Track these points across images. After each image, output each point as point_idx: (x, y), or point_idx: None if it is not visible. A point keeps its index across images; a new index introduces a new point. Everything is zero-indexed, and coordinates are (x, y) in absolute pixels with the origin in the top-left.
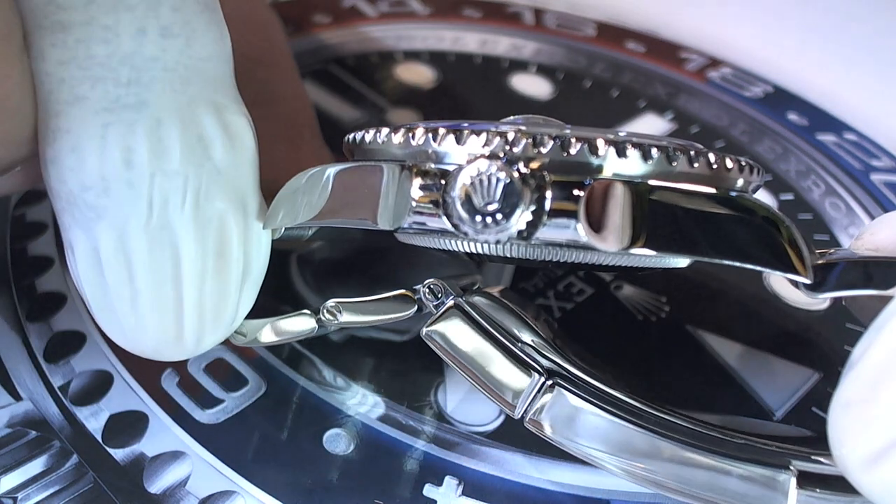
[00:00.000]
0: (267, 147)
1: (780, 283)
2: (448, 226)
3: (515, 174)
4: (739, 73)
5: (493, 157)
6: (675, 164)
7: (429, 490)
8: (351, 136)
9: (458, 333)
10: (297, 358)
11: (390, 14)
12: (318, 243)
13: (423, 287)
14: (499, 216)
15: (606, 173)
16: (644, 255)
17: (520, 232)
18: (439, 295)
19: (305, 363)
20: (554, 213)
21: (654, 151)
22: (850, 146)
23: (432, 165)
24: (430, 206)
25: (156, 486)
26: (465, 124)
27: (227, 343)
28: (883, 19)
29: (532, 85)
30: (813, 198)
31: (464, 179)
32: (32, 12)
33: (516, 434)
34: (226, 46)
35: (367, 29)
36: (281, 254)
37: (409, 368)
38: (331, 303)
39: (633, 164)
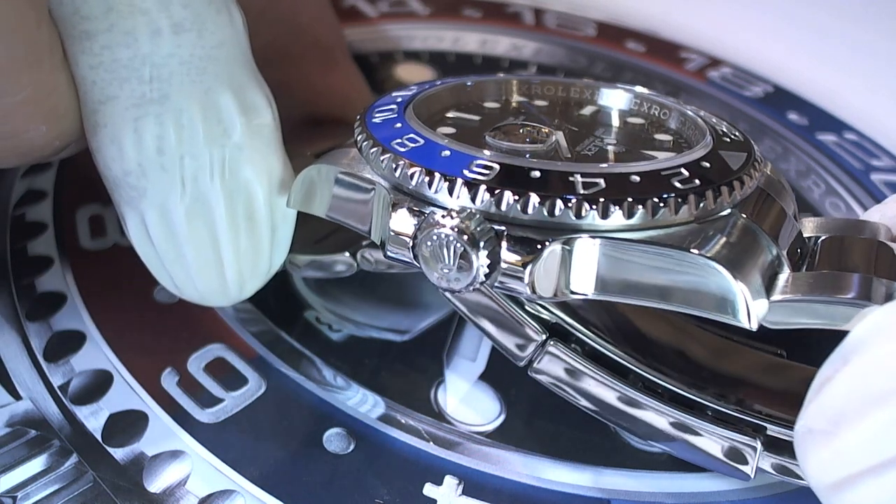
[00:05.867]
0: (301, 73)
1: None
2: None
3: (470, 241)
4: (739, 73)
5: (455, 229)
6: (640, 217)
7: (429, 490)
8: (358, 132)
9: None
10: (297, 358)
11: (390, 14)
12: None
13: None
14: (456, 278)
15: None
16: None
17: (475, 287)
18: None
19: (305, 363)
20: (507, 268)
21: (615, 212)
22: (850, 146)
23: (405, 211)
24: (405, 239)
25: (155, 485)
26: (447, 151)
27: (227, 341)
28: (883, 19)
29: None
30: (813, 198)
31: (426, 243)
32: (62, 23)
33: (516, 434)
34: (237, 28)
35: (366, 29)
36: None
37: (409, 368)
38: (365, 251)
39: (594, 223)
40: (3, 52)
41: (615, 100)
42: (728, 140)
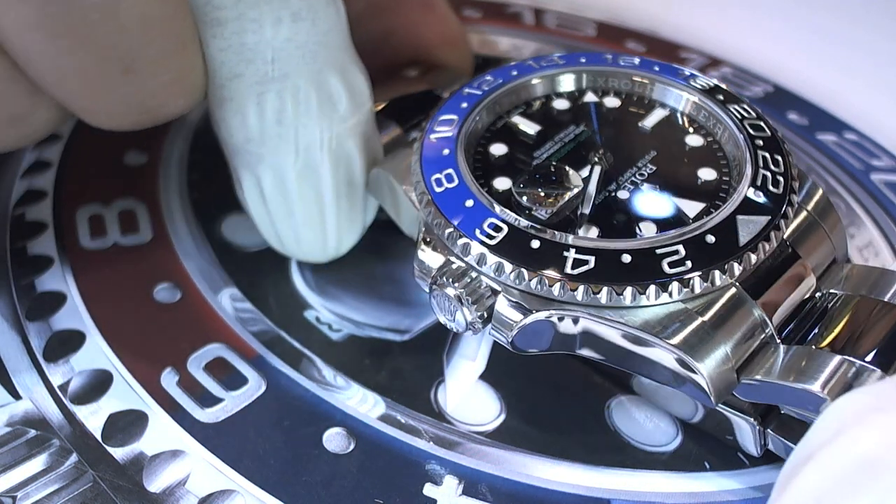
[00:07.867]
0: (402, 19)
1: None
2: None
3: (467, 305)
4: (739, 73)
5: (457, 297)
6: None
7: (429, 490)
8: (416, 148)
9: None
10: (297, 357)
11: None
12: None
13: None
14: (456, 324)
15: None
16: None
17: (469, 329)
18: None
19: (305, 362)
20: (499, 321)
21: (594, 297)
22: (850, 146)
23: (430, 249)
24: (431, 269)
25: (155, 484)
26: (470, 202)
27: (227, 340)
28: (883, 20)
29: None
30: None
31: (436, 294)
32: (196, 11)
33: (516, 434)
34: (341, 17)
35: None
36: (280, 255)
37: (409, 368)
38: None
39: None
40: (158, 43)
41: (685, 104)
42: (759, 197)
